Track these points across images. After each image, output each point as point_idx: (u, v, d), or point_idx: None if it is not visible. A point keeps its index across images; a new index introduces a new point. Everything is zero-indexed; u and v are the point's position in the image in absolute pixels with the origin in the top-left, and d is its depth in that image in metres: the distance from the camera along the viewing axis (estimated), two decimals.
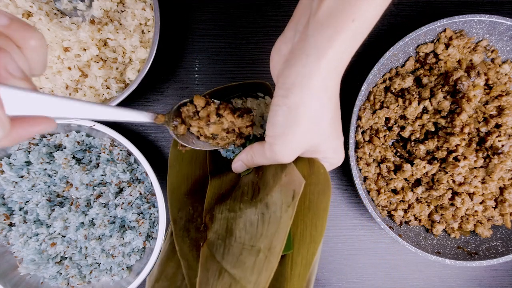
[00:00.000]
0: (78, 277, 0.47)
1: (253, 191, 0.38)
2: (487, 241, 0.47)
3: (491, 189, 0.45)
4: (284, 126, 0.29)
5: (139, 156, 0.45)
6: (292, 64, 0.27)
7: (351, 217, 0.53)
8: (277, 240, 0.30)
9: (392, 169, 0.47)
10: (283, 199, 0.32)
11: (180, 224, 0.40)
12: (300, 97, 0.27)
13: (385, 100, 0.47)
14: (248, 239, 0.33)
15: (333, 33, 0.25)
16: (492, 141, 0.43)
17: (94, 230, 0.46)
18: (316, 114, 0.28)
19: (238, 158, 0.38)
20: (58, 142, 0.48)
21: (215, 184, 0.41)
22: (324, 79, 0.27)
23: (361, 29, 0.25)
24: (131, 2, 0.44)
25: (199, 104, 0.38)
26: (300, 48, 0.27)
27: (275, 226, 0.31)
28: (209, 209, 0.39)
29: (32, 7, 0.41)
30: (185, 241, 0.38)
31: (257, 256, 0.30)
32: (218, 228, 0.36)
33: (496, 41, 0.46)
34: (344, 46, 0.25)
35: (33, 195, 0.46)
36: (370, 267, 0.53)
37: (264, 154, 0.33)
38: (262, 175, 0.39)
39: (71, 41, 0.42)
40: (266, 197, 0.34)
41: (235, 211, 0.36)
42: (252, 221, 0.34)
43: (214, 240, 0.36)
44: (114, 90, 0.46)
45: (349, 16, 0.24)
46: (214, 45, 0.52)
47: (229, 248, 0.34)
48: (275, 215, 0.32)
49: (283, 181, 0.34)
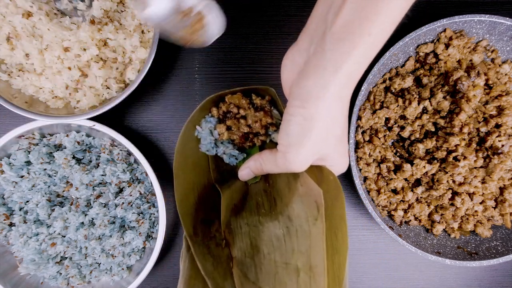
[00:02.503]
0: (78, 277, 0.47)
1: (269, 202, 0.37)
2: (487, 241, 0.47)
3: (491, 189, 0.45)
4: (298, 135, 0.29)
5: (139, 156, 0.45)
6: (308, 76, 0.28)
7: (351, 217, 0.53)
8: (316, 258, 0.29)
9: (392, 169, 0.47)
10: (307, 211, 0.32)
11: (198, 241, 0.37)
12: (315, 108, 0.28)
13: (385, 100, 0.47)
14: (279, 256, 0.32)
15: (350, 47, 0.25)
16: (492, 141, 0.43)
17: (94, 230, 0.46)
18: (329, 125, 0.29)
19: (246, 165, 0.38)
20: (58, 142, 0.48)
21: (226, 195, 0.40)
22: (340, 90, 0.27)
23: (377, 42, 0.26)
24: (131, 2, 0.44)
25: (233, 101, 0.39)
26: (316, 61, 0.27)
27: (306, 241, 0.31)
28: (226, 223, 0.38)
29: (32, 7, 0.41)
30: (208, 259, 0.36)
31: (298, 275, 0.30)
32: (242, 245, 0.36)
33: (496, 41, 0.46)
34: (360, 59, 0.26)
35: (33, 195, 0.46)
36: (370, 267, 0.53)
37: (276, 162, 0.33)
38: (274, 184, 0.38)
39: (71, 41, 0.42)
40: (286, 209, 0.34)
41: (255, 225, 0.36)
42: (278, 236, 0.33)
43: (242, 258, 0.35)
44: (114, 90, 0.46)
45: (365, 30, 0.24)
46: (214, 45, 0.51)
47: (261, 266, 0.33)
48: (302, 229, 0.32)
49: (300, 192, 0.34)
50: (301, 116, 0.28)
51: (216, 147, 0.43)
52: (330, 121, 0.29)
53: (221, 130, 0.42)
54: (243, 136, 0.42)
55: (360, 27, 0.24)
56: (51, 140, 0.47)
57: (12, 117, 0.51)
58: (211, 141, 0.42)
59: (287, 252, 0.32)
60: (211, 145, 0.42)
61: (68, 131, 0.48)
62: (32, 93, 0.45)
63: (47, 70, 0.44)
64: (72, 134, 0.47)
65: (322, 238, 0.30)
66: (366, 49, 0.25)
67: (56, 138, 0.48)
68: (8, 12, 0.42)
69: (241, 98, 0.41)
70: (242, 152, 0.44)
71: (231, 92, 0.42)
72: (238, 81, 0.52)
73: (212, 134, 0.42)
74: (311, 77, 0.27)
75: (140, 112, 0.52)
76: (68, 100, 0.47)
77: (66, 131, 0.48)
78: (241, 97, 0.41)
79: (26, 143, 0.46)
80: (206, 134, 0.42)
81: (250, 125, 0.41)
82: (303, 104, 0.28)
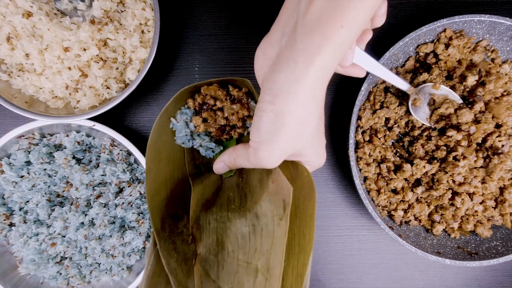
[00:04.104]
0: (78, 277, 0.47)
1: (240, 198, 0.37)
2: (487, 241, 0.47)
3: (491, 189, 0.45)
4: (269, 132, 0.28)
5: (139, 156, 0.46)
6: (279, 70, 0.27)
7: (351, 217, 0.53)
8: (275, 260, 0.29)
9: (392, 169, 0.47)
10: (274, 210, 0.32)
11: (165, 236, 0.36)
12: (287, 104, 0.27)
13: (385, 100, 0.47)
14: (242, 254, 0.32)
15: (321, 39, 0.24)
16: (492, 141, 0.43)
17: (94, 230, 0.46)
18: (302, 121, 0.28)
19: (220, 159, 0.37)
20: (58, 142, 0.48)
21: (198, 190, 0.39)
22: (312, 87, 0.26)
23: (349, 35, 0.25)
24: (131, 2, 0.44)
25: (209, 93, 0.38)
26: (288, 54, 0.26)
27: (269, 242, 0.31)
28: (195, 218, 0.37)
29: (32, 7, 0.41)
30: (172, 255, 0.35)
31: (256, 277, 0.30)
32: (208, 241, 0.35)
33: (496, 41, 0.46)
34: (333, 53, 0.25)
35: (33, 195, 0.46)
36: (370, 267, 0.53)
37: (248, 158, 0.32)
38: (247, 178, 0.38)
39: (71, 41, 0.42)
40: (255, 206, 0.34)
41: (223, 221, 0.35)
42: (243, 234, 0.33)
43: (206, 255, 0.34)
44: (114, 90, 0.46)
45: (337, 22, 0.24)
46: (214, 45, 0.52)
47: (223, 264, 0.32)
48: (267, 228, 0.31)
49: (270, 189, 0.33)
50: (272, 112, 0.27)
51: (192, 139, 0.42)
52: (303, 118, 0.28)
53: (197, 122, 0.40)
54: (219, 129, 0.41)
55: (331, 18, 0.24)
56: (51, 140, 0.47)
57: (12, 117, 0.51)
58: (187, 134, 0.41)
59: (250, 251, 0.31)
60: (187, 137, 0.41)
61: (68, 131, 0.48)
62: (32, 93, 0.45)
63: (47, 70, 0.44)
64: (72, 134, 0.47)
65: (284, 240, 0.29)
66: (337, 42, 0.24)
67: (56, 138, 0.48)
68: (8, 12, 0.42)
69: (217, 89, 0.40)
70: (219, 145, 0.42)
71: (207, 83, 0.41)
72: None
73: (188, 126, 0.41)
74: (282, 71, 0.26)
75: (140, 112, 0.52)
76: (68, 100, 0.47)
77: (66, 131, 0.48)
78: (217, 88, 0.40)
79: (26, 143, 0.46)
80: (182, 126, 0.41)
81: (227, 117, 0.40)
82: (274, 100, 0.27)
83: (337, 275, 0.54)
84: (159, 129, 0.40)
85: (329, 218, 0.53)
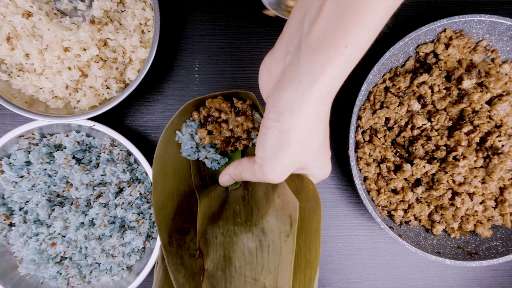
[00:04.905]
0: (78, 277, 0.47)
1: (246, 212, 0.37)
2: (487, 241, 0.47)
3: (491, 189, 0.45)
4: (275, 149, 0.29)
5: (139, 156, 0.46)
6: (284, 88, 0.27)
7: (351, 217, 0.53)
8: (282, 279, 0.29)
9: (392, 169, 0.47)
10: (280, 227, 0.32)
11: (172, 251, 0.36)
12: (291, 122, 0.27)
13: (385, 100, 0.47)
14: (249, 271, 0.32)
15: (325, 59, 0.24)
16: (492, 141, 0.43)
17: (94, 230, 0.46)
18: (307, 138, 0.28)
19: (226, 171, 0.38)
20: (58, 142, 0.48)
21: (205, 203, 0.39)
22: (317, 105, 0.26)
23: (354, 54, 0.24)
24: (131, 2, 0.44)
25: (214, 106, 0.39)
26: (292, 72, 0.26)
27: (276, 258, 0.31)
28: (202, 232, 0.37)
29: (32, 7, 0.41)
30: (180, 270, 0.35)
31: None
32: (215, 256, 0.35)
33: (496, 41, 0.46)
34: (337, 72, 0.25)
35: (33, 195, 0.46)
36: (370, 267, 0.53)
37: (254, 172, 0.32)
38: (252, 191, 0.38)
39: (71, 41, 0.42)
40: (261, 221, 0.34)
41: (230, 235, 0.35)
42: (250, 249, 0.33)
43: (214, 271, 0.34)
44: (114, 90, 0.46)
45: (341, 41, 0.23)
46: (214, 45, 0.52)
47: (231, 280, 0.32)
48: (274, 245, 0.31)
49: (276, 204, 0.33)
50: (277, 129, 0.28)
51: (197, 151, 0.42)
52: (308, 134, 0.28)
53: (202, 135, 0.41)
54: (224, 141, 0.41)
55: (335, 38, 0.23)
56: (51, 140, 0.47)
57: (12, 117, 0.51)
58: (193, 146, 0.41)
59: (257, 267, 0.31)
60: (193, 150, 0.42)
61: (68, 131, 0.48)
62: (32, 93, 0.45)
63: (47, 70, 0.44)
64: (72, 134, 0.47)
65: (291, 258, 0.29)
66: (343, 62, 0.24)
67: (56, 138, 0.48)
68: (8, 12, 0.42)
69: (222, 102, 0.41)
70: (225, 157, 0.43)
71: (212, 96, 0.41)
72: (238, 81, 0.52)
73: (194, 138, 0.42)
74: (286, 89, 0.27)
75: (140, 112, 0.52)
76: (68, 100, 0.47)
77: (66, 131, 0.48)
78: (222, 101, 0.41)
79: (26, 143, 0.46)
80: (187, 139, 0.41)
81: (232, 129, 0.41)
82: (279, 118, 0.27)
83: (337, 275, 0.54)
84: (165, 143, 0.41)
85: (329, 218, 0.53)
